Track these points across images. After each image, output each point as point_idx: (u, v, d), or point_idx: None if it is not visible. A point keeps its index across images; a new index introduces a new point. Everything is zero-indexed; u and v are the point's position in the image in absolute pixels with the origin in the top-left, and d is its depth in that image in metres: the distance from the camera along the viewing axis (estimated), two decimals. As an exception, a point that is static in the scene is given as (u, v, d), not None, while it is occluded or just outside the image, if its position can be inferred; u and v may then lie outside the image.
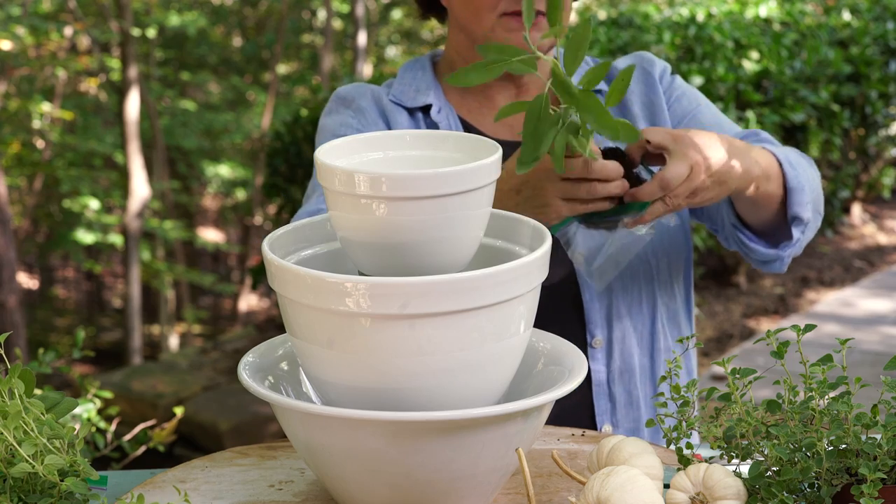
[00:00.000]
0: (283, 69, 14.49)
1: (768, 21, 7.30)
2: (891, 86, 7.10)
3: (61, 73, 12.48)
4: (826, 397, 1.26)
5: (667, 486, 1.28)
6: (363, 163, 1.37)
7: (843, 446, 1.22)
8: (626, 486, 1.17)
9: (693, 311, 1.99)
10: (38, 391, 1.49)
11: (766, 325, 6.34)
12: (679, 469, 1.29)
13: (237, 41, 14.77)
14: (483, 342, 1.24)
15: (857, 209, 8.31)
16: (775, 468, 1.23)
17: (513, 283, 1.23)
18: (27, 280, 14.46)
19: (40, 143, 12.41)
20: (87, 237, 11.43)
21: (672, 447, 1.34)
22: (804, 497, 1.23)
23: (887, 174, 8.07)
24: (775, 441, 1.23)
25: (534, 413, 1.27)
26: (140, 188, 10.45)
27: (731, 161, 1.66)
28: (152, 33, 12.15)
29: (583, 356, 1.36)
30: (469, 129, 1.90)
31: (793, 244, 1.85)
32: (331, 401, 1.29)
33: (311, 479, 1.41)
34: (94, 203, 11.48)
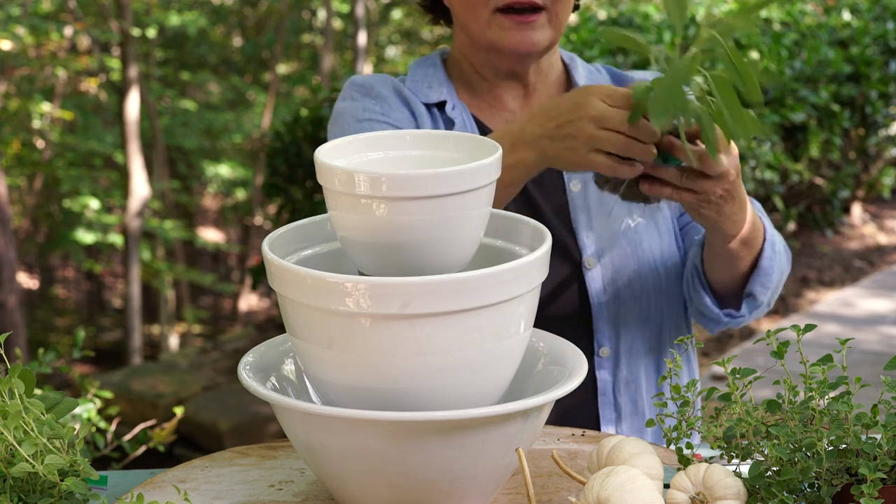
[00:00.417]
0: (283, 69, 14.49)
1: (768, 21, 7.30)
2: (891, 86, 7.11)
3: (61, 73, 12.48)
4: (826, 397, 1.26)
5: (667, 486, 1.28)
6: (363, 163, 1.37)
7: (843, 446, 1.22)
8: (626, 486, 1.17)
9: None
10: (38, 391, 1.49)
11: (766, 324, 6.34)
12: (679, 469, 1.29)
13: (237, 41, 14.77)
14: (483, 342, 1.24)
15: (857, 209, 8.31)
16: (775, 468, 1.23)
17: (513, 283, 1.23)
18: (27, 280, 14.46)
19: (40, 143, 12.41)
20: (87, 237, 11.43)
21: (672, 447, 1.34)
22: (804, 497, 1.23)
23: (887, 174, 8.07)
24: (775, 441, 1.23)
25: (534, 413, 1.27)
26: (140, 188, 10.46)
27: (743, 202, 1.67)
28: (152, 33, 12.15)
29: (583, 356, 1.36)
30: (482, 128, 1.89)
31: (737, 317, 1.84)
32: (331, 401, 1.29)
33: (311, 479, 1.41)
34: (94, 203, 11.48)
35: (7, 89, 11.87)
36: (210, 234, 15.37)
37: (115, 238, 11.52)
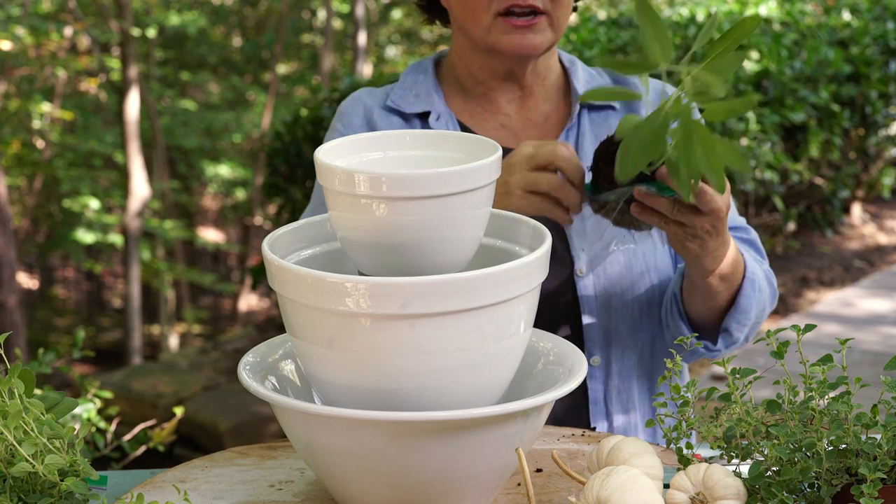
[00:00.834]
0: (283, 69, 14.49)
1: (768, 21, 7.30)
2: (891, 86, 7.11)
3: (61, 73, 12.49)
4: (826, 397, 1.26)
5: (667, 486, 1.28)
6: (363, 163, 1.37)
7: (843, 446, 1.22)
8: (626, 486, 1.17)
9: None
10: (38, 391, 1.49)
11: (766, 324, 6.34)
12: (679, 469, 1.29)
13: (237, 41, 14.78)
14: (483, 342, 1.24)
15: (857, 209, 8.31)
16: (775, 468, 1.23)
17: (513, 283, 1.23)
18: (27, 280, 14.46)
19: (40, 143, 12.41)
20: (87, 237, 11.44)
21: (672, 447, 1.34)
22: (804, 497, 1.23)
23: (887, 174, 8.07)
24: (775, 441, 1.23)
25: (534, 413, 1.27)
26: (140, 188, 10.46)
27: (726, 239, 1.67)
28: (152, 33, 12.15)
29: (583, 356, 1.36)
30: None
31: (713, 350, 1.84)
32: (331, 401, 1.29)
33: (311, 479, 1.41)
34: (94, 203, 11.49)
35: (7, 89, 11.87)
36: (210, 234, 15.37)
37: (115, 238, 11.53)
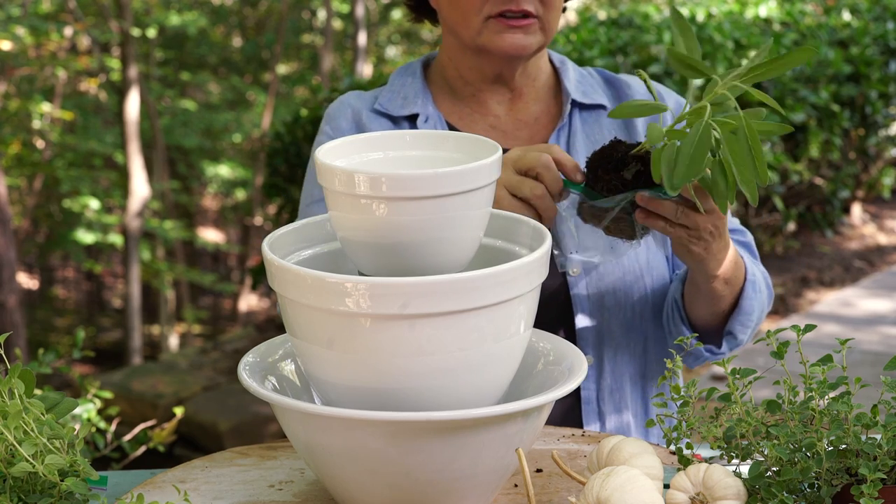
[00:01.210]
0: (283, 69, 14.49)
1: (768, 21, 7.31)
2: (891, 86, 7.11)
3: (61, 73, 12.49)
4: (826, 397, 1.26)
5: (667, 486, 1.28)
6: (363, 163, 1.37)
7: (843, 446, 1.22)
8: (626, 486, 1.17)
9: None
10: (38, 391, 1.49)
11: (766, 325, 6.34)
12: (679, 469, 1.29)
13: (237, 41, 14.78)
14: (483, 342, 1.24)
15: (857, 209, 8.31)
16: (775, 468, 1.23)
17: (513, 283, 1.23)
18: (27, 280, 14.46)
19: (40, 143, 12.41)
20: (87, 237, 11.44)
21: (672, 447, 1.34)
22: (804, 497, 1.23)
23: (887, 174, 8.07)
24: (775, 441, 1.23)
25: (534, 413, 1.27)
26: (140, 188, 10.46)
27: (726, 240, 1.68)
28: (152, 33, 12.16)
29: (582, 356, 1.36)
30: None
31: (717, 353, 1.84)
32: (331, 401, 1.29)
33: (311, 479, 1.41)
34: (94, 203, 11.49)
35: (7, 89, 11.87)
36: (210, 235, 15.37)
37: (115, 238, 11.53)
